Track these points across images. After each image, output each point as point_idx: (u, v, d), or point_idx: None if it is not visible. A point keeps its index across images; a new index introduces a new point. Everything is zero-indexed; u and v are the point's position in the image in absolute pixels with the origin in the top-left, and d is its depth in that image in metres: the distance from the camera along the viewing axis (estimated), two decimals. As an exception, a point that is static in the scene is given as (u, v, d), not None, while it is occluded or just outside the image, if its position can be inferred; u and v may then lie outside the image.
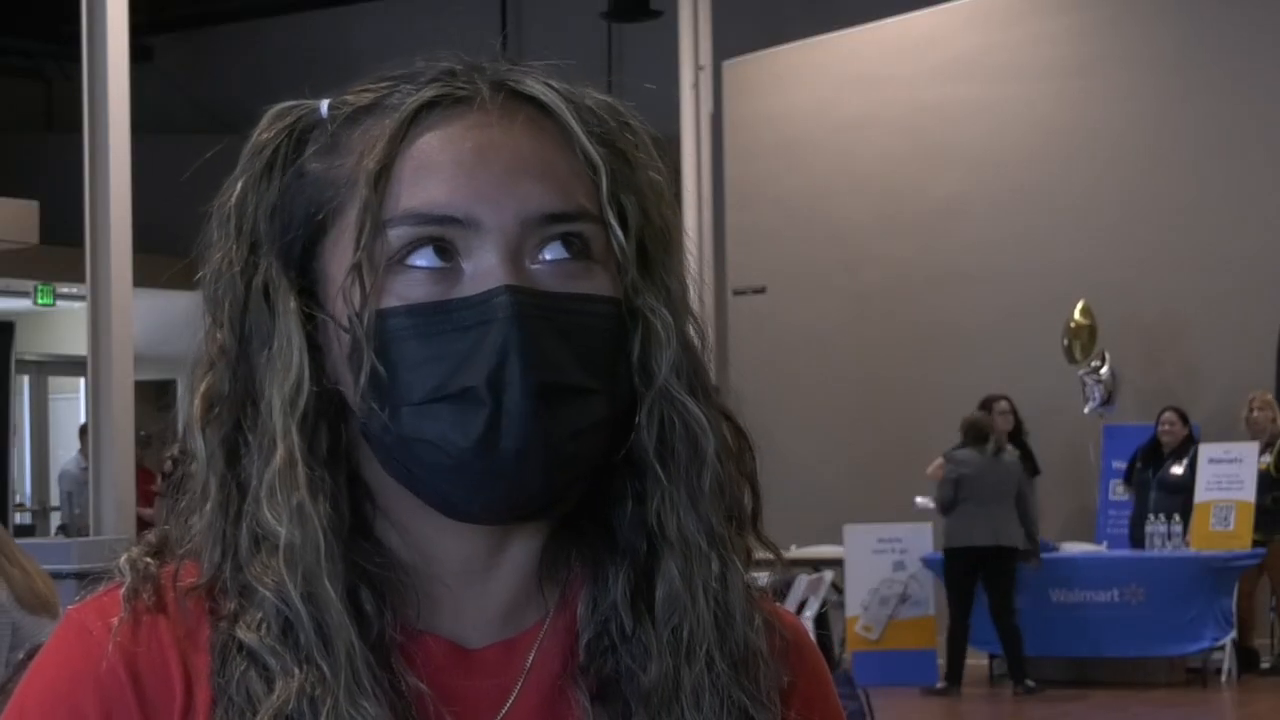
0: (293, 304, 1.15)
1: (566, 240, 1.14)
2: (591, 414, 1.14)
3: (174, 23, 19.60)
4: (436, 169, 1.14)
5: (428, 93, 1.16)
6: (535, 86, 1.17)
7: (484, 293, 1.12)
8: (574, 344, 1.13)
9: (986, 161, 14.54)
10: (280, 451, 1.13)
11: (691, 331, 1.21)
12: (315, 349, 1.15)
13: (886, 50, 15.08)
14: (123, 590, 1.16)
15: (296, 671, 1.11)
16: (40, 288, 18.28)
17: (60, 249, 14.67)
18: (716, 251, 14.89)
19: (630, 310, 1.17)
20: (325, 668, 1.11)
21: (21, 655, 5.88)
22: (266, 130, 1.19)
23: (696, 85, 14.71)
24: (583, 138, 1.16)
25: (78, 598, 1.19)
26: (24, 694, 1.16)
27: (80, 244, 10.43)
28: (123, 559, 1.18)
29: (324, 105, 1.20)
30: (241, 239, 1.17)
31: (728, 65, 15.47)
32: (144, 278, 10.82)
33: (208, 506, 1.16)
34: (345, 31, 19.34)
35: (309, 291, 1.17)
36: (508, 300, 1.11)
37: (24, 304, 18.73)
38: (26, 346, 19.95)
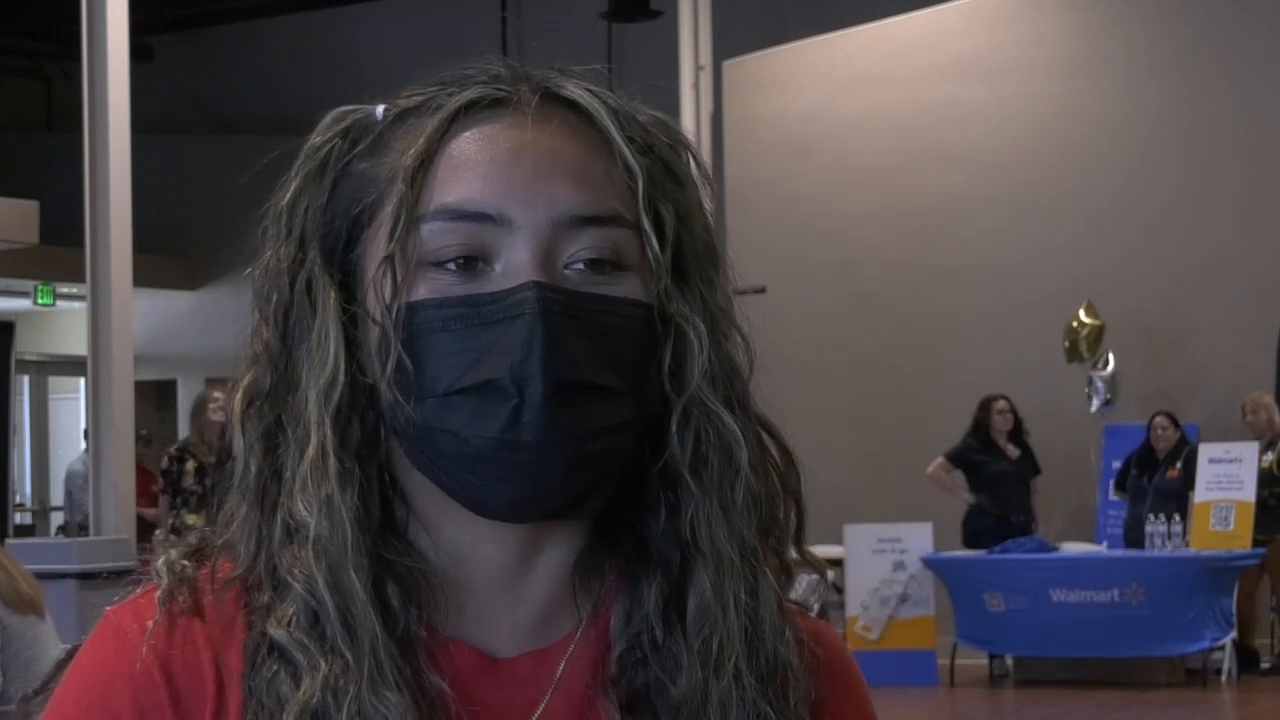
0: (332, 297, 1.17)
1: (598, 248, 1.15)
2: (614, 414, 1.14)
3: (174, 23, 19.59)
4: (472, 167, 1.15)
5: (470, 94, 1.18)
6: (575, 91, 1.19)
7: (511, 288, 1.13)
8: (600, 345, 1.14)
9: (986, 161, 14.54)
10: (313, 443, 1.15)
11: (733, 344, 1.22)
12: (352, 343, 1.17)
13: (886, 50, 15.08)
14: (159, 593, 1.18)
15: (322, 664, 1.12)
16: (40, 288, 18.30)
17: (60, 249, 14.69)
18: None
19: (663, 318, 1.18)
20: (349, 657, 1.12)
21: (62, 655, 5.89)
22: (323, 133, 1.21)
23: (696, 85, 14.71)
24: (621, 143, 1.17)
25: (116, 598, 1.20)
26: (61, 695, 1.18)
27: (80, 244, 10.43)
28: (160, 561, 1.20)
29: (379, 109, 1.21)
30: (291, 238, 1.19)
31: (728, 65, 15.48)
32: (144, 278, 10.82)
33: (246, 499, 1.18)
34: (345, 32, 19.34)
35: (348, 286, 1.18)
36: (535, 296, 1.12)
37: (24, 304, 18.75)
38: (26, 346, 19.97)
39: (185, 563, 1.19)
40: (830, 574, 11.88)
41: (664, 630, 1.18)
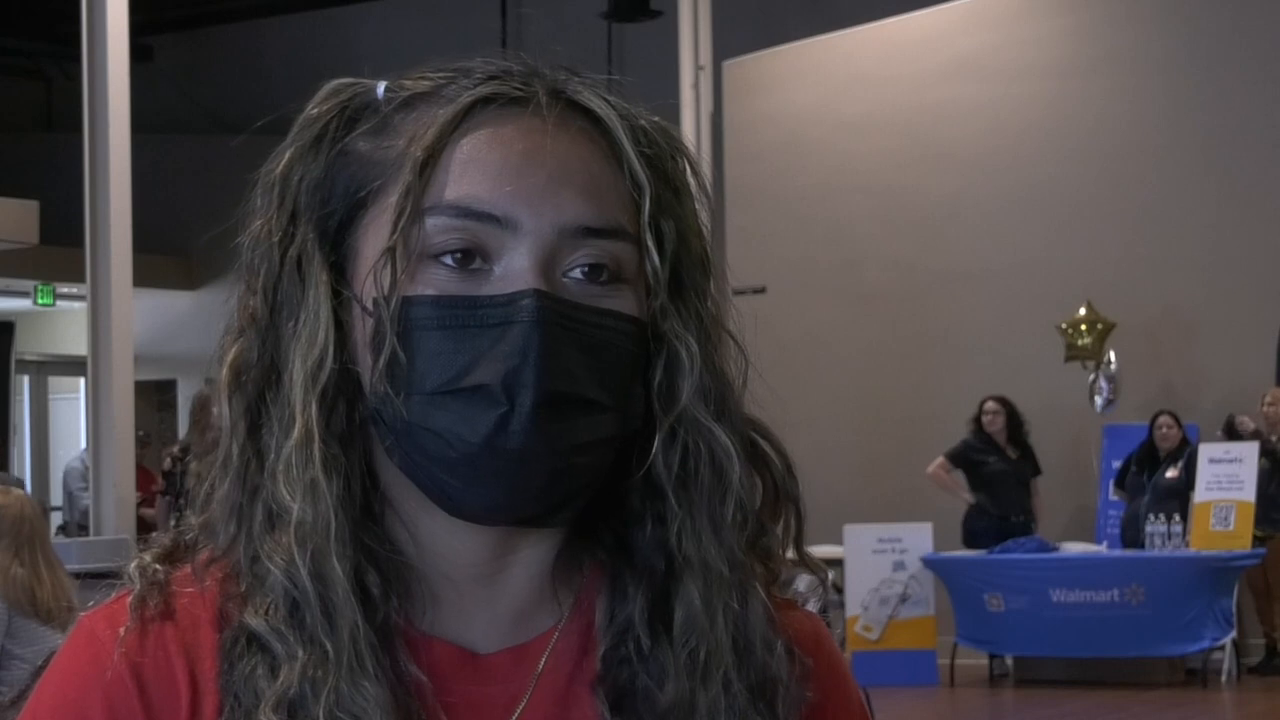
0: (324, 278, 1.16)
1: (599, 256, 1.15)
2: (598, 430, 1.14)
3: (174, 23, 19.60)
4: (483, 166, 1.14)
5: (485, 89, 1.17)
6: (592, 100, 1.18)
7: (511, 293, 1.12)
8: (592, 358, 1.13)
9: (987, 161, 14.54)
10: (299, 426, 1.14)
11: (727, 356, 1.21)
12: (340, 326, 1.16)
13: (886, 50, 15.08)
14: (130, 598, 1.17)
15: (300, 653, 1.12)
16: (40, 288, 18.30)
17: (60, 249, 14.69)
18: (716, 252, 14.87)
19: (656, 334, 1.17)
20: (329, 647, 1.12)
21: (40, 662, 5.91)
22: (320, 104, 1.20)
23: (696, 85, 14.71)
24: (633, 156, 1.17)
25: (90, 603, 1.20)
26: (37, 700, 1.18)
27: (80, 244, 10.43)
28: (133, 565, 1.19)
29: (381, 86, 1.20)
30: (283, 209, 1.18)
31: (728, 65, 15.48)
32: (144, 278, 10.82)
33: (228, 476, 1.17)
34: (346, 32, 19.35)
35: (340, 268, 1.17)
36: (534, 304, 1.11)
37: (24, 304, 18.76)
38: (26, 346, 19.98)
39: (158, 566, 1.18)
40: (830, 574, 11.88)
41: (650, 638, 1.18)
